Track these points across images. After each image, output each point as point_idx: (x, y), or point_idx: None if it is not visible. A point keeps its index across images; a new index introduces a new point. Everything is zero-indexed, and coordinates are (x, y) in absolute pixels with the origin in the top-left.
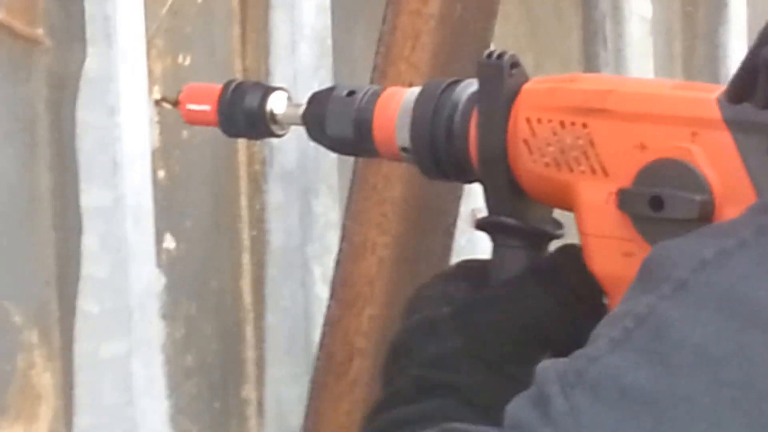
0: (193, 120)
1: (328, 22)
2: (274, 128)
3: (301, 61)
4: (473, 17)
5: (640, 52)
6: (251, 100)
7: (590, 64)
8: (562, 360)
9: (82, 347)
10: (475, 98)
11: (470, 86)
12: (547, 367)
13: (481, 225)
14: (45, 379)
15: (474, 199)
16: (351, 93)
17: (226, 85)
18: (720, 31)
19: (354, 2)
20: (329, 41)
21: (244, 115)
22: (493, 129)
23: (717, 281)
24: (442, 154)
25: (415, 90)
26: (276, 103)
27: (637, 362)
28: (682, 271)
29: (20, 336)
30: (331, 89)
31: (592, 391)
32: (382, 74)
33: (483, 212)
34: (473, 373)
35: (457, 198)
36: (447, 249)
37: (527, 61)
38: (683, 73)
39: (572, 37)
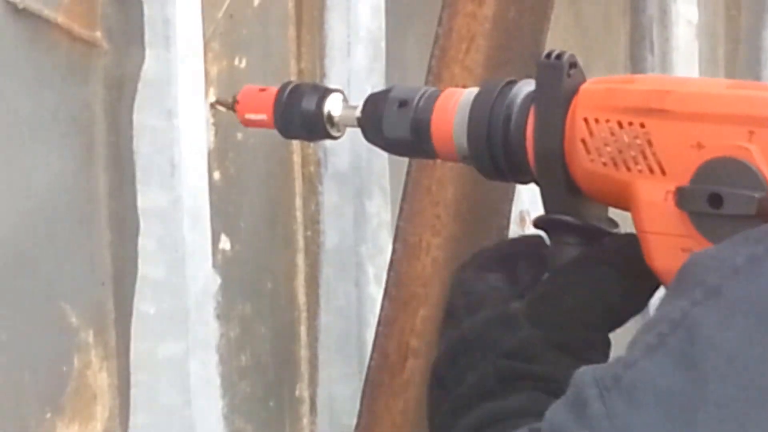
0: (250, 122)
1: (383, 24)
2: (331, 130)
3: (355, 62)
4: (527, 20)
5: (685, 56)
6: (308, 103)
7: (637, 67)
8: (600, 365)
9: (138, 348)
10: (531, 98)
11: (527, 86)
12: (585, 371)
13: (538, 223)
14: (101, 380)
15: (523, 200)
16: (408, 94)
17: (283, 88)
18: (763, 34)
19: (408, 4)
20: (383, 43)
21: (300, 117)
22: (551, 129)
23: (748, 287)
24: (499, 154)
25: (473, 91)
26: (333, 105)
27: (671, 367)
28: (714, 278)
29: (77, 337)
30: (387, 91)
31: (628, 395)
32: (436, 76)
33: (532, 214)
34: (556, 362)
35: (509, 199)
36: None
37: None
38: (726, 76)
39: (620, 41)
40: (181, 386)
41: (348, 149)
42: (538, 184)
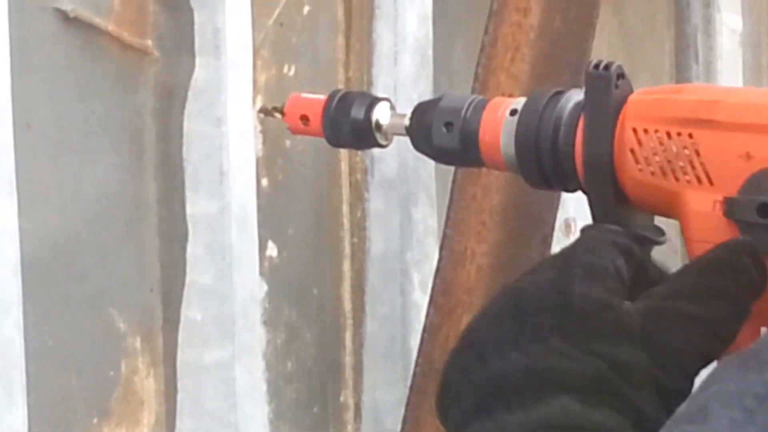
0: (298, 130)
1: (430, 33)
2: (379, 138)
3: (402, 71)
4: (572, 29)
5: (730, 65)
6: (357, 111)
7: (681, 76)
8: None
9: (185, 354)
10: (580, 108)
11: (575, 96)
12: None
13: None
14: (148, 385)
15: (568, 208)
16: (456, 104)
17: (331, 96)
18: None
19: (455, 13)
20: (430, 52)
21: (349, 125)
22: (600, 138)
23: None
24: (547, 163)
25: (521, 100)
26: (381, 114)
27: None
28: None
29: (124, 342)
30: (436, 100)
31: None
32: (482, 84)
33: (577, 222)
34: (647, 393)
35: (554, 207)
36: (543, 258)
37: None
38: None
39: (664, 50)
40: (227, 392)
41: (395, 157)
42: (585, 192)
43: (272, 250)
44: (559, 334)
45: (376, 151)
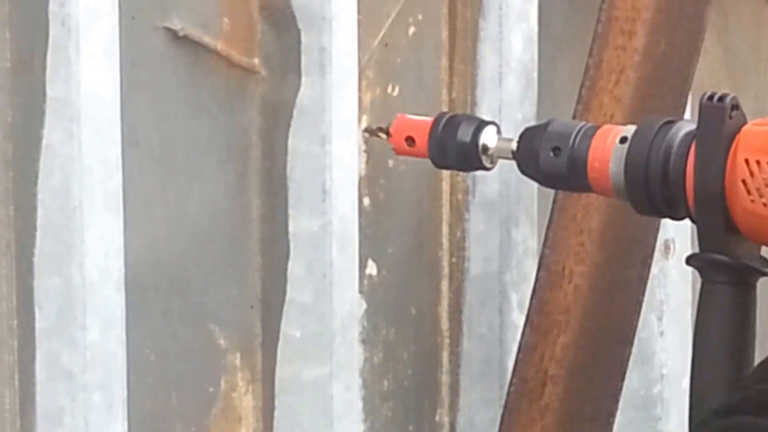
0: (403, 151)
1: (535, 55)
2: (485, 161)
3: (507, 92)
4: (677, 53)
5: None
6: (463, 134)
7: None
8: None
9: (284, 371)
10: (691, 138)
11: (685, 126)
12: None
13: (692, 261)
14: (246, 402)
15: (668, 229)
16: (564, 130)
17: (438, 118)
18: None
19: (558, 35)
20: (535, 74)
21: (455, 147)
22: (712, 169)
23: None
24: (656, 191)
25: (630, 128)
26: (488, 137)
27: None
28: None
29: (224, 359)
30: (544, 126)
31: None
32: (585, 106)
33: (677, 243)
34: None
35: (655, 228)
36: (643, 279)
37: None
38: None
39: None
40: (324, 409)
41: (497, 177)
42: (693, 221)
43: (372, 268)
44: None
45: (478, 171)
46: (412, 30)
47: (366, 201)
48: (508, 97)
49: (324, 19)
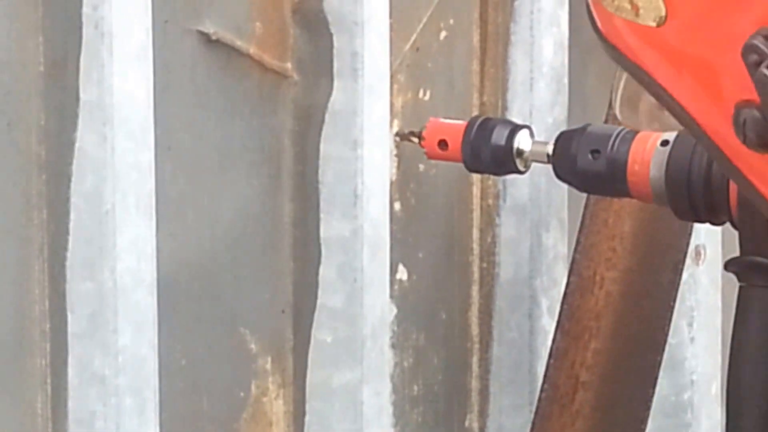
0: (435, 155)
1: (566, 60)
2: (519, 165)
3: (538, 97)
4: None
5: None
6: (498, 137)
7: None
8: None
9: (314, 375)
10: None
11: None
12: None
13: (731, 265)
14: (277, 406)
15: (698, 235)
16: (603, 134)
17: (471, 122)
18: None
19: (589, 41)
20: (566, 79)
21: (490, 151)
22: None
23: None
24: (698, 196)
25: (671, 133)
26: (522, 141)
27: None
28: None
29: (255, 363)
30: (582, 129)
31: None
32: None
33: (708, 249)
34: None
35: (687, 234)
36: (674, 285)
37: None
38: None
39: None
40: (354, 414)
41: (527, 182)
42: (734, 226)
43: (402, 273)
44: None
45: (509, 176)
46: (443, 34)
47: (397, 205)
48: (539, 101)
49: (356, 24)
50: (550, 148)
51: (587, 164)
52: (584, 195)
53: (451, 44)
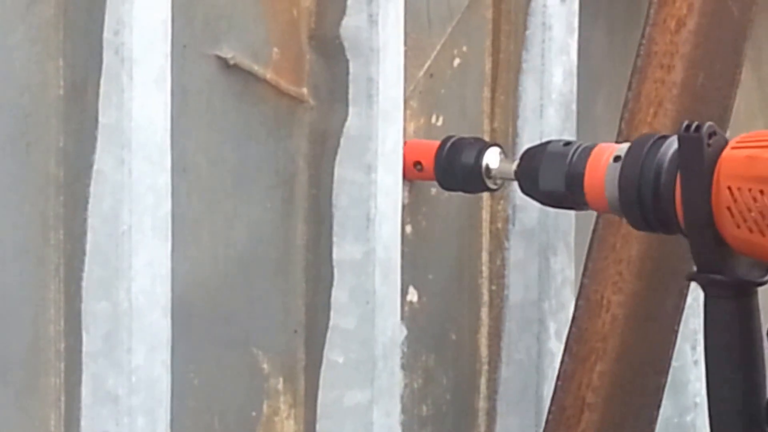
0: (413, 175)
1: (575, 87)
2: (489, 183)
3: (547, 123)
4: (715, 85)
5: None
6: (467, 156)
7: None
8: None
9: (326, 396)
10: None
11: (674, 144)
12: None
13: (692, 278)
14: (288, 426)
15: None
16: (562, 150)
17: (444, 142)
18: None
19: (598, 69)
20: (574, 106)
21: (460, 170)
22: (698, 198)
23: None
24: (649, 208)
25: (624, 147)
26: (490, 159)
27: None
28: None
29: (267, 383)
30: (543, 145)
31: None
32: (625, 138)
33: None
34: None
35: (691, 259)
36: (678, 309)
37: (758, 126)
38: None
39: None
40: None
41: (536, 206)
42: (686, 237)
43: (413, 295)
44: None
45: (518, 200)
46: (456, 62)
47: (408, 229)
48: (548, 128)
49: (372, 50)
50: (515, 166)
51: (548, 180)
52: (592, 220)
53: (464, 71)
